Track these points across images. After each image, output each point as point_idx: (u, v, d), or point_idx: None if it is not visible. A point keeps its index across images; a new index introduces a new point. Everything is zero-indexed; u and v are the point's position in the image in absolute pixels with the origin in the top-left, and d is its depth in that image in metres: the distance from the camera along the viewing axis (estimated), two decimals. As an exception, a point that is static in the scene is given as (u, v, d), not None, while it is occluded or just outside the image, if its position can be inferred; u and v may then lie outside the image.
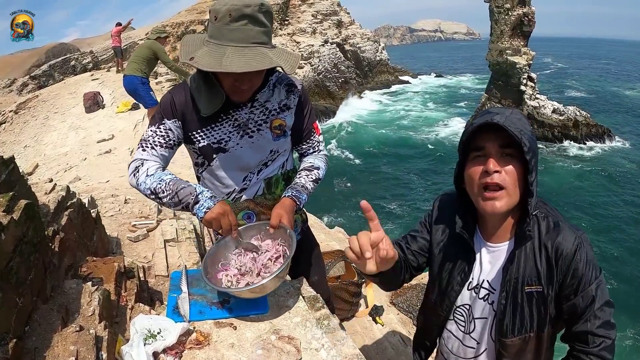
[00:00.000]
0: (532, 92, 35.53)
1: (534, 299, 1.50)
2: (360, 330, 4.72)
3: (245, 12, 1.70)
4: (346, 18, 54.02)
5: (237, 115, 2.02)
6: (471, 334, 1.71)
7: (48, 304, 1.89)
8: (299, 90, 2.15)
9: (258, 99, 2.04)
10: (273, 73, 2.10)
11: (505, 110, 1.51)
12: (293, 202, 2.07)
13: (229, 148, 2.05)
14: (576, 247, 1.44)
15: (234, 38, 1.73)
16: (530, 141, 1.44)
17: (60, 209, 2.74)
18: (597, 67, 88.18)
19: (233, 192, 2.16)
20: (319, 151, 2.34)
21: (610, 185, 27.49)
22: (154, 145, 1.96)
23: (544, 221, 1.52)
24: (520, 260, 1.51)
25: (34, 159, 9.46)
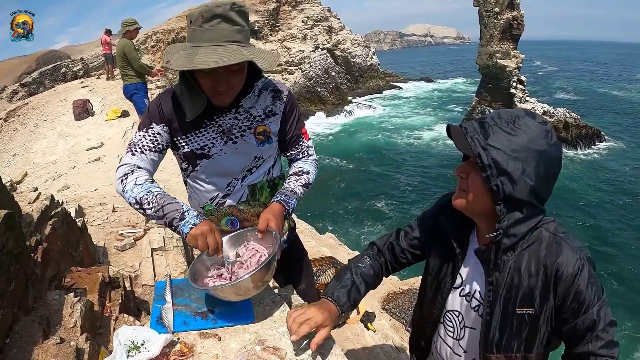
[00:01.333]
0: (522, 95, 35.75)
1: (524, 320, 1.46)
2: (352, 337, 4.69)
3: (217, 11, 1.70)
4: (336, 24, 54.16)
5: (221, 121, 2.01)
6: (460, 342, 1.69)
7: (30, 315, 1.86)
8: (286, 96, 2.12)
9: (242, 105, 2.03)
10: (259, 78, 2.08)
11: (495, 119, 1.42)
12: (282, 206, 2.03)
13: (212, 154, 2.04)
14: (577, 270, 1.37)
15: (206, 38, 1.73)
16: (501, 159, 1.35)
17: (44, 219, 2.70)
18: (586, 69, 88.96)
19: (217, 197, 2.15)
20: (309, 156, 2.29)
21: (601, 185, 27.63)
22: (144, 150, 1.96)
23: (546, 240, 1.44)
24: (513, 280, 1.46)
25: (23, 167, 9.37)
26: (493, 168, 1.37)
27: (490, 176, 1.38)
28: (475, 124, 1.44)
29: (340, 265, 5.69)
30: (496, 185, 1.38)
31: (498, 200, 1.40)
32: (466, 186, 1.48)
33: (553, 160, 1.39)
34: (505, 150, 1.36)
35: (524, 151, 1.35)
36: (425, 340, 1.91)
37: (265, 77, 2.12)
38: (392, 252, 1.88)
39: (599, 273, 11.71)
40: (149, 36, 42.11)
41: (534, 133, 1.37)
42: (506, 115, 1.41)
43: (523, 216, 1.41)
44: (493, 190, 1.39)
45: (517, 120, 1.39)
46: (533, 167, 1.36)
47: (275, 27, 48.89)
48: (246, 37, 1.80)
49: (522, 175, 1.36)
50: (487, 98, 37.33)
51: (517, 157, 1.35)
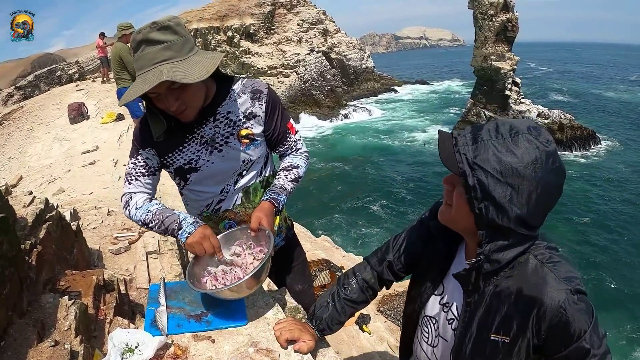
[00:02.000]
0: (517, 97, 35.88)
1: (498, 348, 1.38)
2: (347, 339, 4.70)
3: (138, 38, 1.69)
4: (332, 26, 54.29)
5: (202, 132, 2.01)
6: (434, 349, 1.67)
7: (24, 318, 1.86)
8: (265, 95, 2.08)
9: (220, 112, 2.01)
10: (235, 82, 2.07)
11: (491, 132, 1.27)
12: (271, 204, 2.03)
13: (200, 167, 2.06)
14: (563, 304, 1.25)
15: (139, 67, 1.72)
16: (488, 183, 1.23)
17: (39, 222, 2.70)
18: (580, 71, 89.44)
19: (212, 204, 2.17)
20: (298, 150, 2.28)
21: (597, 185, 27.76)
22: (137, 177, 2.03)
23: (531, 270, 1.33)
24: (492, 305, 1.38)
25: (18, 171, 9.34)
26: (478, 191, 1.25)
27: (474, 199, 1.26)
28: (469, 135, 1.29)
29: (335, 267, 5.71)
30: (479, 209, 1.26)
31: (481, 224, 1.29)
32: (450, 199, 1.38)
33: (550, 188, 1.25)
34: (494, 172, 1.21)
35: (516, 176, 1.20)
36: (407, 340, 1.91)
37: (242, 78, 2.12)
38: (387, 268, 1.83)
39: (598, 274, 11.77)
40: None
41: (531, 155, 1.20)
42: (506, 128, 1.25)
43: (508, 243, 1.29)
44: (476, 214, 1.28)
45: (516, 137, 1.22)
46: (525, 194, 1.22)
47: (271, 30, 48.99)
48: (178, 49, 1.73)
49: (510, 203, 1.22)
50: (482, 100, 37.46)
51: (507, 181, 1.21)
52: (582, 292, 1.28)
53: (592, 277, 17.55)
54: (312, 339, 1.78)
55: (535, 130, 1.24)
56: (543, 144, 1.22)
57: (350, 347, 4.53)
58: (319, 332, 1.83)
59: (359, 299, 1.86)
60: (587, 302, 1.28)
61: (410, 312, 1.78)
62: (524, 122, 1.28)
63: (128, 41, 7.89)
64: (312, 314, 1.88)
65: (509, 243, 1.29)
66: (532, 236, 1.32)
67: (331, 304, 1.85)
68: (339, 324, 1.86)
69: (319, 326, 1.83)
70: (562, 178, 1.27)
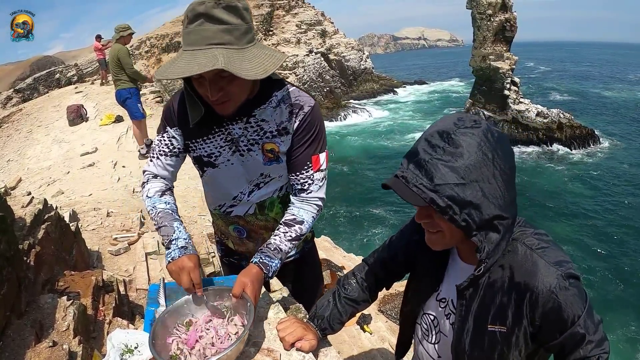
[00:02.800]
0: (516, 97, 35.94)
1: (496, 338, 1.38)
2: (348, 339, 4.68)
3: (199, 10, 1.49)
4: (330, 27, 54.38)
5: (230, 129, 1.84)
6: (435, 346, 1.66)
7: (22, 319, 1.84)
8: (304, 113, 1.85)
9: (255, 115, 1.82)
10: (281, 87, 1.85)
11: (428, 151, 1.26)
12: (260, 270, 1.78)
13: (218, 164, 1.93)
14: (555, 289, 1.26)
15: (189, 41, 1.53)
16: (456, 193, 1.22)
17: (37, 223, 2.69)
18: (579, 70, 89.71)
19: (224, 206, 2.07)
20: (309, 192, 1.94)
21: (595, 183, 27.84)
22: (159, 155, 1.95)
23: (520, 256, 1.34)
24: (486, 296, 1.38)
25: (18, 173, 9.33)
26: (453, 206, 1.24)
27: (454, 215, 1.25)
28: (412, 167, 1.29)
29: (336, 267, 5.69)
30: (464, 220, 1.26)
31: (472, 232, 1.28)
32: (436, 227, 1.35)
33: (504, 158, 1.26)
34: (456, 181, 1.22)
35: (475, 170, 1.22)
36: (406, 339, 1.90)
37: (290, 85, 1.89)
38: (384, 267, 1.83)
39: (598, 273, 11.79)
40: (142, 42, 42.13)
41: (473, 144, 1.22)
42: (437, 139, 1.26)
43: (500, 235, 1.30)
44: (463, 227, 1.27)
45: (451, 139, 1.23)
46: (491, 178, 1.24)
47: (269, 31, 49.02)
48: (239, 36, 1.55)
49: (484, 196, 1.24)
50: (481, 100, 37.52)
51: (472, 180, 1.22)
52: (574, 277, 1.28)
53: (593, 277, 17.57)
54: (315, 338, 1.77)
55: (460, 120, 1.27)
56: (474, 127, 1.25)
57: (352, 347, 4.52)
58: (320, 332, 1.82)
59: (359, 298, 1.86)
60: (580, 287, 1.28)
61: (408, 311, 1.78)
62: (446, 120, 1.30)
63: (126, 43, 7.87)
64: (314, 313, 1.87)
65: (501, 234, 1.30)
66: (512, 216, 1.33)
67: (332, 304, 1.85)
68: (340, 323, 1.85)
69: (321, 325, 1.82)
70: (506, 141, 1.30)
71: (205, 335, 1.66)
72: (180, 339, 1.65)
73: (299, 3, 53.26)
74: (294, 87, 1.89)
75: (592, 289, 16.84)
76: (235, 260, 2.37)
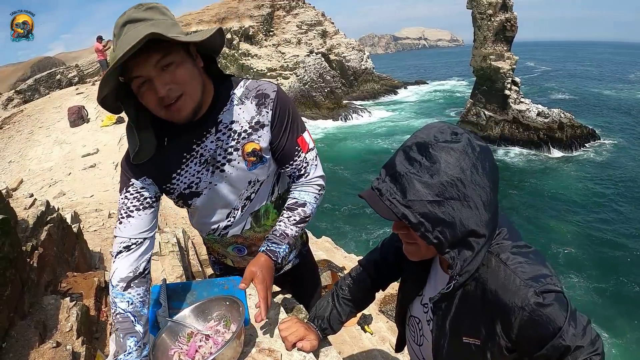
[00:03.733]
0: (517, 96, 35.89)
1: (471, 350, 1.37)
2: (349, 339, 4.69)
3: (120, 22, 1.43)
4: (331, 28, 54.39)
5: (202, 150, 1.68)
6: (420, 348, 1.68)
7: (26, 320, 1.86)
8: (272, 100, 1.71)
9: (221, 120, 1.67)
10: (237, 84, 1.73)
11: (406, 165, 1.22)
12: (268, 258, 1.73)
13: (201, 190, 1.77)
14: (525, 306, 1.21)
15: (121, 48, 1.36)
16: (429, 210, 1.19)
17: (40, 224, 2.70)
18: (579, 70, 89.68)
19: (218, 229, 1.93)
20: (307, 174, 1.86)
21: (596, 183, 27.79)
22: (130, 214, 1.66)
23: (496, 271, 1.29)
24: (460, 308, 1.37)
25: (19, 175, 9.34)
26: (425, 223, 1.21)
27: (426, 232, 1.21)
28: (388, 179, 1.26)
29: (337, 268, 5.70)
30: (436, 237, 1.22)
31: (444, 249, 1.24)
32: (412, 238, 1.33)
33: (484, 173, 1.21)
34: (429, 197, 1.18)
35: (450, 187, 1.18)
36: (401, 338, 1.92)
37: (243, 79, 1.77)
38: (377, 269, 1.85)
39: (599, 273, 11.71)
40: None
41: (450, 161, 1.17)
42: (414, 152, 1.22)
43: (474, 252, 1.26)
44: (435, 244, 1.23)
45: (430, 155, 1.19)
46: (470, 196, 1.19)
47: (270, 32, 49.04)
48: (167, 27, 1.44)
49: (460, 214, 1.19)
50: (482, 100, 37.48)
51: (446, 197, 1.18)
52: (550, 291, 1.22)
53: (595, 277, 17.56)
54: (316, 339, 1.79)
55: (440, 132, 1.22)
56: (453, 141, 1.20)
57: (353, 347, 4.53)
58: (321, 332, 1.83)
59: (357, 298, 1.87)
60: (560, 299, 1.23)
61: (399, 313, 1.79)
62: (428, 131, 1.25)
63: None
64: (314, 314, 1.88)
65: (475, 251, 1.26)
66: (492, 231, 1.29)
67: (331, 304, 1.86)
68: (340, 323, 1.86)
69: (321, 325, 1.83)
70: (489, 154, 1.24)
71: (205, 345, 1.67)
72: (182, 351, 1.65)
73: (299, 3, 53.26)
74: (249, 80, 1.76)
75: (595, 289, 16.85)
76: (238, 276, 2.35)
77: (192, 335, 1.71)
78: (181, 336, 1.71)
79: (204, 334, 1.70)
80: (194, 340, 1.68)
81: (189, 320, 1.76)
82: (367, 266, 1.87)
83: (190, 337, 1.70)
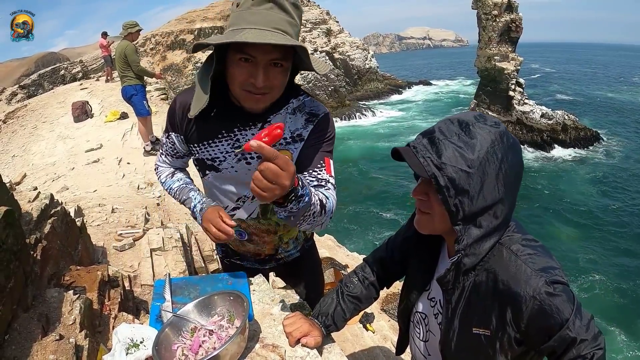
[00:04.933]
0: (521, 98, 35.87)
1: (481, 341, 1.39)
2: (351, 337, 4.68)
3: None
4: (335, 27, 54.36)
5: (240, 136, 1.78)
6: (426, 344, 1.68)
7: (29, 312, 1.85)
8: (319, 118, 1.82)
9: (270, 121, 1.76)
10: (297, 95, 1.82)
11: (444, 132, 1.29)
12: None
13: (222, 169, 1.87)
14: (536, 296, 1.25)
15: (253, 20, 1.47)
16: (458, 177, 1.25)
17: (44, 217, 2.70)
18: (584, 72, 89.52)
19: (226, 208, 2.00)
20: (328, 189, 1.76)
21: (599, 186, 27.81)
22: (166, 154, 2.02)
23: (505, 261, 1.33)
24: (471, 299, 1.38)
25: (22, 169, 9.34)
26: (450, 188, 1.27)
27: (449, 197, 1.28)
28: (425, 140, 1.33)
29: (339, 266, 5.70)
30: (455, 205, 1.28)
31: (457, 220, 1.30)
32: (428, 207, 1.38)
33: (512, 164, 1.29)
34: (461, 166, 1.25)
35: (481, 163, 1.25)
36: (404, 336, 1.91)
37: (305, 94, 1.86)
38: (383, 266, 1.87)
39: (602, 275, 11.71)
40: (147, 39, 42.19)
41: (487, 140, 1.26)
42: (455, 125, 1.30)
43: (484, 233, 1.31)
44: (451, 211, 1.29)
45: (468, 130, 1.28)
46: (493, 177, 1.26)
47: (274, 29, 49.08)
48: (295, 34, 1.54)
49: (482, 190, 1.26)
50: (486, 101, 37.46)
51: (474, 171, 1.25)
52: (559, 282, 1.27)
53: (597, 278, 17.56)
54: (320, 335, 1.79)
55: (481, 117, 1.31)
56: (493, 126, 1.29)
57: (354, 345, 4.53)
58: (325, 329, 1.83)
59: (362, 295, 1.87)
60: (567, 291, 1.27)
61: (403, 310, 1.79)
62: (469, 113, 1.34)
63: (134, 39, 7.88)
64: (318, 311, 1.88)
65: (485, 232, 1.31)
66: (505, 222, 1.34)
67: (336, 301, 1.86)
68: (344, 320, 1.87)
69: (325, 322, 1.83)
70: (519, 151, 1.32)
71: (208, 340, 1.67)
72: (185, 346, 1.65)
73: (304, 2, 53.21)
74: (309, 97, 1.86)
75: (599, 290, 16.86)
76: (237, 261, 2.37)
77: (195, 330, 1.71)
78: (184, 331, 1.70)
79: (208, 329, 1.70)
80: (198, 335, 1.68)
81: (192, 315, 1.75)
82: (373, 263, 1.89)
83: (193, 332, 1.70)
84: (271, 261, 2.31)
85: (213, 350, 1.59)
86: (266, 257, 2.27)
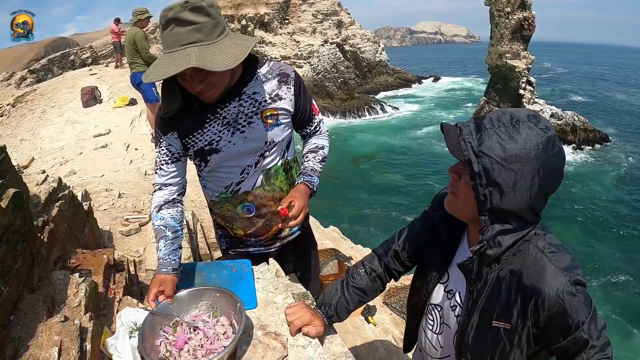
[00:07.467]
0: (531, 96, 35.67)
1: (500, 334, 1.40)
2: (352, 329, 4.70)
3: (168, 16, 1.65)
4: (346, 18, 54.10)
5: (225, 113, 1.98)
6: (439, 337, 1.68)
7: (34, 293, 1.87)
8: (293, 78, 2.09)
9: (245, 92, 1.99)
10: (262, 65, 2.06)
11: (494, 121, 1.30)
12: (306, 187, 2.12)
13: (221, 147, 2.03)
14: (561, 294, 1.26)
15: (166, 45, 1.70)
16: (492, 169, 1.26)
17: (51, 200, 2.72)
18: (596, 73, 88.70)
19: (231, 185, 2.14)
20: (321, 131, 2.38)
21: (608, 188, 27.68)
22: (162, 165, 2.07)
23: (531, 257, 1.34)
24: (494, 292, 1.39)
25: (30, 153, 9.39)
26: (483, 177, 1.28)
27: (479, 185, 1.29)
28: (472, 125, 1.33)
29: (343, 257, 5.71)
30: (484, 195, 1.29)
31: (484, 210, 1.32)
32: (456, 189, 1.41)
33: (551, 171, 1.28)
34: (499, 159, 1.25)
35: (519, 162, 1.24)
36: (413, 329, 1.92)
37: (267, 60, 2.11)
38: (394, 257, 1.86)
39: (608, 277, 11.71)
40: (157, 26, 42.18)
41: (532, 141, 1.24)
42: (507, 117, 1.29)
43: (509, 228, 1.33)
44: (480, 200, 1.31)
45: (517, 125, 1.26)
46: (528, 179, 1.25)
47: (285, 20, 48.88)
48: (208, 32, 1.69)
49: (514, 188, 1.26)
50: (496, 98, 37.26)
51: (511, 167, 1.25)
52: (581, 284, 1.29)
53: (601, 279, 17.51)
54: (322, 325, 1.80)
55: (535, 117, 1.29)
56: (543, 130, 1.26)
57: (355, 337, 4.55)
58: (327, 319, 1.84)
59: (368, 288, 1.88)
60: (586, 294, 1.30)
61: (416, 302, 1.80)
62: (523, 110, 1.33)
63: (143, 26, 7.88)
64: (322, 301, 1.89)
65: (511, 228, 1.33)
66: (533, 222, 1.36)
67: (340, 292, 1.87)
68: (347, 311, 1.87)
69: (328, 313, 1.84)
70: (562, 161, 1.31)
71: (194, 337, 1.68)
72: (167, 341, 1.67)
73: (315, -7, 53.05)
74: (272, 61, 2.11)
75: (605, 290, 16.83)
76: (241, 249, 2.40)
77: (177, 324, 1.72)
78: (165, 325, 1.72)
79: (191, 324, 1.71)
80: (182, 331, 1.69)
81: (173, 308, 1.77)
82: (384, 256, 1.89)
83: (176, 327, 1.71)
84: (275, 242, 2.39)
85: (201, 348, 1.63)
86: (270, 239, 2.35)
